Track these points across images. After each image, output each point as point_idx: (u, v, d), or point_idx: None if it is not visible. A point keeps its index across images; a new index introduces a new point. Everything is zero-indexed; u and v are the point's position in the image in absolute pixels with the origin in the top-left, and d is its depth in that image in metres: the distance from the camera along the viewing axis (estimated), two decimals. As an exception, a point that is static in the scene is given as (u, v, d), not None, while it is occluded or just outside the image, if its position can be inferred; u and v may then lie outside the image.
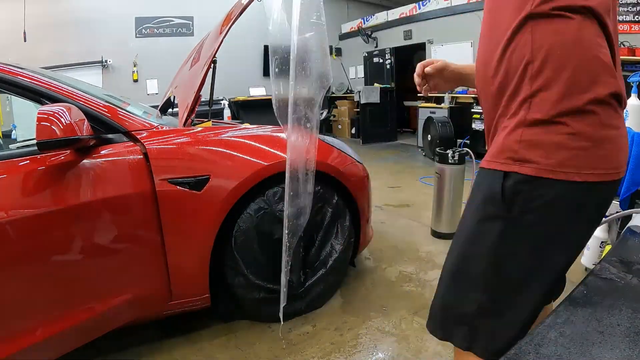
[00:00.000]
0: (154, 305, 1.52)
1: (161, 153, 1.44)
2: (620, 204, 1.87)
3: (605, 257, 0.63)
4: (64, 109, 1.19)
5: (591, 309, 0.49)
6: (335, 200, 1.83)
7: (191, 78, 1.85)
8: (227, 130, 1.72)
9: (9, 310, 1.20)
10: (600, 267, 0.59)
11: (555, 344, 0.42)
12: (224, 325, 1.78)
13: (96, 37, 6.12)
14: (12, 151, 1.39)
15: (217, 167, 1.52)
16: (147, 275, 1.46)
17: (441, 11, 6.27)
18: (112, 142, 1.41)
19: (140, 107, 1.95)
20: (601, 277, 0.56)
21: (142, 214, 1.40)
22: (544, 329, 0.45)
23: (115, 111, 1.47)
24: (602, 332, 0.44)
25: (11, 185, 1.21)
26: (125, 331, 1.58)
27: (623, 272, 0.57)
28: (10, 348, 1.18)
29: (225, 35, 1.69)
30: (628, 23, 4.07)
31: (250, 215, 1.61)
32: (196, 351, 1.62)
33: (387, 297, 1.98)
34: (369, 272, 2.27)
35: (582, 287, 0.53)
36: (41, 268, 1.24)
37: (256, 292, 1.68)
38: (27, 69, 1.42)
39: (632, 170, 1.81)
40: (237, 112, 6.97)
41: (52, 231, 1.24)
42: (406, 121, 8.70)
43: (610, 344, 0.42)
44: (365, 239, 2.08)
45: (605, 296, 0.51)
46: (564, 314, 0.47)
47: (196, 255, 1.52)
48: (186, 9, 6.84)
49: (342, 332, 1.73)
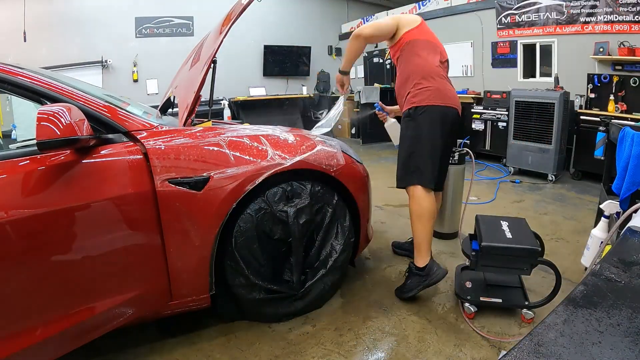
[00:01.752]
0: (154, 305, 1.52)
1: (161, 153, 1.44)
2: (621, 204, 1.87)
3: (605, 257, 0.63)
4: (64, 109, 1.19)
5: (591, 309, 0.49)
6: (335, 201, 1.83)
7: (191, 78, 1.85)
8: (227, 130, 1.72)
9: (9, 310, 1.20)
10: (600, 267, 0.59)
11: (555, 344, 0.42)
12: (224, 325, 1.78)
13: (96, 37, 6.12)
14: (12, 151, 1.39)
15: (217, 167, 1.52)
16: (147, 275, 1.46)
17: (441, 11, 6.27)
18: (112, 142, 1.41)
19: (140, 107, 1.95)
20: (601, 277, 0.55)
21: (142, 214, 1.40)
22: (543, 328, 0.45)
23: (115, 111, 1.47)
24: (602, 332, 0.44)
25: (11, 185, 1.21)
26: (125, 331, 1.59)
27: (623, 272, 0.57)
28: (10, 348, 1.18)
29: (225, 35, 1.69)
30: (628, 23, 4.06)
31: (251, 215, 1.61)
32: (196, 351, 1.62)
33: (387, 297, 1.98)
34: (369, 272, 2.27)
35: (582, 287, 0.53)
36: (41, 268, 1.24)
37: (256, 292, 1.68)
38: (27, 69, 1.42)
39: (632, 170, 1.81)
40: (237, 112, 6.96)
41: (52, 231, 1.24)
42: (406, 121, 8.67)
43: (610, 343, 0.42)
44: (365, 239, 2.08)
45: (605, 296, 0.51)
46: (564, 313, 0.47)
47: (196, 255, 1.52)
48: (186, 9, 6.84)
49: (342, 332, 1.73)
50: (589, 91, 4.32)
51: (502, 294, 1.83)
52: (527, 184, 4.19)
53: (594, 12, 4.34)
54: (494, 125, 5.13)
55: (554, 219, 3.10)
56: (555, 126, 4.11)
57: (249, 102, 7.14)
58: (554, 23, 4.77)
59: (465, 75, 6.05)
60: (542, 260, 1.70)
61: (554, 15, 4.76)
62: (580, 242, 2.50)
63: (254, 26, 6.99)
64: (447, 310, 1.88)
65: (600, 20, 4.29)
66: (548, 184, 4.17)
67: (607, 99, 4.11)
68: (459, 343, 1.63)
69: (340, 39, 8.66)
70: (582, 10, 4.46)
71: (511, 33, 5.32)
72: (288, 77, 8.05)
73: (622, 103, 4.02)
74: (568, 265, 2.21)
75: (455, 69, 6.12)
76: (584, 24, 4.47)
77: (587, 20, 4.43)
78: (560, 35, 4.75)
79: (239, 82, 7.16)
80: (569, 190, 3.91)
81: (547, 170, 4.24)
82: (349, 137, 7.71)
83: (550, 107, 4.10)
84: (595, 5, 4.31)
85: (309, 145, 1.81)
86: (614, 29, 4.19)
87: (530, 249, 1.66)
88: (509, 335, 1.68)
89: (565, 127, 4.21)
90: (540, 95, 4.20)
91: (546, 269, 1.92)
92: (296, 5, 8.04)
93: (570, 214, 3.21)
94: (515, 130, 4.49)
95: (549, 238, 2.65)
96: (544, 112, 4.17)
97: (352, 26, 8.44)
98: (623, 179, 1.87)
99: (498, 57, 5.58)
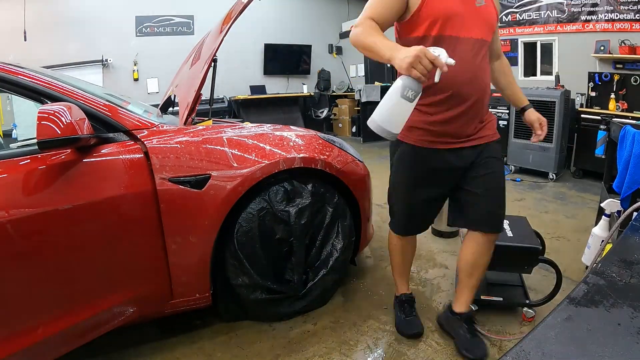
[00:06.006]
0: (155, 304, 1.52)
1: (162, 152, 1.44)
2: (621, 203, 1.87)
3: (606, 255, 0.63)
4: (65, 108, 1.19)
5: (592, 308, 0.49)
6: (336, 200, 1.82)
7: (192, 77, 1.85)
8: (228, 129, 1.72)
9: (9, 310, 1.20)
10: (601, 265, 0.59)
11: (556, 342, 0.42)
12: (225, 324, 1.78)
13: (96, 36, 6.11)
14: (13, 150, 1.39)
15: (218, 166, 1.52)
16: (147, 274, 1.46)
17: (442, 9, 6.25)
18: (113, 141, 1.41)
19: (141, 106, 1.95)
20: (602, 276, 0.55)
21: (143, 213, 1.40)
22: (544, 327, 0.45)
23: (116, 110, 1.47)
24: (603, 331, 0.44)
25: (12, 184, 1.21)
26: (126, 330, 1.59)
27: (624, 271, 0.57)
28: (10, 348, 1.18)
29: (225, 34, 1.69)
30: (629, 22, 4.05)
31: (252, 214, 1.61)
32: (197, 350, 1.62)
33: (388, 296, 1.98)
34: (370, 271, 2.27)
35: (583, 286, 0.53)
36: (42, 267, 1.24)
37: (257, 292, 1.68)
38: (27, 68, 1.42)
39: (632, 169, 1.81)
40: (237, 110, 6.96)
41: (52, 230, 1.24)
42: (407, 120, 8.66)
43: (611, 342, 0.42)
44: (366, 237, 2.08)
45: (606, 295, 0.51)
46: (565, 312, 0.47)
47: (197, 254, 1.52)
48: (187, 8, 6.82)
49: (343, 330, 1.73)
50: (589, 90, 4.31)
51: (502, 292, 1.83)
52: (528, 182, 4.19)
53: (595, 10, 4.33)
54: (495, 124, 5.12)
55: (554, 218, 3.09)
56: (556, 125, 4.11)
57: (250, 101, 7.13)
58: (555, 21, 4.76)
59: (466, 73, 6.03)
60: (543, 258, 1.70)
61: (554, 14, 4.75)
62: (581, 241, 2.49)
63: (255, 25, 6.96)
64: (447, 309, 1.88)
65: (602, 18, 4.28)
66: (549, 182, 4.16)
67: (608, 97, 4.11)
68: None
69: (341, 37, 8.64)
70: (583, 9, 4.44)
71: (512, 31, 5.31)
72: (289, 75, 8.03)
73: (623, 102, 4.01)
74: (569, 263, 2.21)
75: (456, 67, 6.09)
76: (585, 22, 4.46)
77: (588, 18, 4.42)
78: (561, 34, 4.74)
79: (239, 81, 7.15)
80: (570, 189, 3.91)
81: (548, 169, 4.23)
82: (349, 136, 7.70)
83: (551, 106, 4.10)
84: (597, 3, 4.30)
85: (309, 144, 1.81)
86: (615, 27, 4.18)
87: (531, 247, 1.66)
88: (510, 333, 1.68)
89: (566, 125, 4.21)
90: (541, 94, 4.19)
91: (547, 268, 1.92)
92: (296, 3, 8.02)
93: (571, 213, 3.20)
94: (516, 128, 4.48)
95: (550, 237, 2.65)
96: (545, 111, 4.15)
97: (352, 25, 8.42)
98: (624, 177, 1.87)
99: (499, 55, 5.56)
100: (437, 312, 1.85)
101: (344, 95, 8.10)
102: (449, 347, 1.59)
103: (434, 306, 1.90)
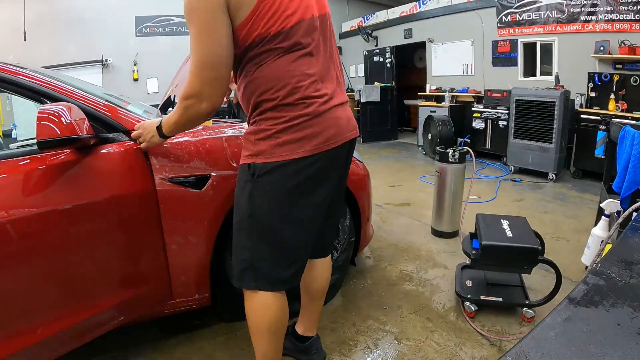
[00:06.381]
0: (154, 304, 1.52)
1: (161, 152, 1.44)
2: (621, 203, 1.87)
3: (605, 256, 0.63)
4: (64, 108, 1.19)
5: (591, 308, 0.49)
6: (335, 199, 1.82)
7: (191, 77, 1.84)
8: (227, 129, 1.72)
9: (9, 310, 1.20)
10: (601, 266, 0.59)
11: (555, 343, 0.42)
12: (225, 324, 1.78)
13: (96, 36, 6.12)
14: (13, 150, 1.39)
15: (218, 166, 1.52)
16: (147, 274, 1.46)
17: (441, 10, 6.25)
18: (113, 141, 1.40)
19: (141, 106, 1.95)
20: (602, 276, 0.55)
21: (143, 213, 1.40)
22: (544, 328, 0.45)
23: (116, 110, 1.47)
24: (603, 331, 0.44)
25: (11, 184, 1.21)
26: (126, 330, 1.59)
27: (624, 271, 0.57)
28: (10, 348, 1.18)
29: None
30: (629, 22, 4.06)
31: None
32: (197, 350, 1.62)
33: (387, 296, 1.98)
34: (370, 271, 2.27)
35: (583, 286, 0.53)
36: (42, 267, 1.24)
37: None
38: (27, 68, 1.42)
39: (632, 169, 1.81)
40: (237, 111, 6.96)
41: (52, 230, 1.24)
42: (406, 120, 8.68)
43: (611, 343, 0.42)
44: (365, 238, 2.08)
45: (605, 295, 0.51)
46: (564, 312, 0.47)
47: (197, 254, 1.52)
48: (186, 8, 6.83)
49: (343, 330, 1.73)
50: (589, 90, 4.32)
51: (502, 292, 1.83)
52: (528, 182, 4.19)
53: (595, 10, 4.33)
54: (495, 124, 5.13)
55: (554, 218, 3.10)
56: (556, 125, 4.11)
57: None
58: (555, 22, 4.77)
59: (466, 73, 6.04)
60: (543, 259, 1.70)
61: (554, 14, 4.76)
62: (581, 241, 2.49)
63: (254, 25, 6.96)
64: (447, 309, 1.88)
65: (601, 19, 4.29)
66: (548, 182, 4.17)
67: (608, 97, 4.11)
68: (460, 342, 1.63)
69: (341, 37, 8.65)
70: (582, 9, 4.45)
71: (511, 32, 5.32)
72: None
73: (622, 102, 4.02)
74: (568, 264, 2.21)
75: (456, 67, 6.13)
76: (584, 23, 4.46)
77: (587, 19, 4.43)
78: (561, 34, 4.74)
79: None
80: (570, 189, 3.91)
81: (547, 169, 4.24)
82: (349, 136, 7.69)
83: (551, 106, 4.10)
84: (596, 4, 4.30)
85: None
86: (614, 27, 4.18)
87: (530, 247, 1.66)
88: (510, 334, 1.68)
89: (565, 125, 4.21)
90: (540, 94, 4.20)
91: (547, 268, 1.92)
92: (296, 4, 8.02)
93: (571, 213, 3.20)
94: (515, 129, 4.49)
95: (550, 237, 2.65)
96: (545, 111, 4.16)
97: (352, 25, 8.43)
98: (624, 177, 1.87)
99: (498, 55, 5.57)
100: (438, 311, 1.85)
101: (344, 96, 8.09)
102: (449, 347, 1.59)
103: (434, 306, 1.90)
